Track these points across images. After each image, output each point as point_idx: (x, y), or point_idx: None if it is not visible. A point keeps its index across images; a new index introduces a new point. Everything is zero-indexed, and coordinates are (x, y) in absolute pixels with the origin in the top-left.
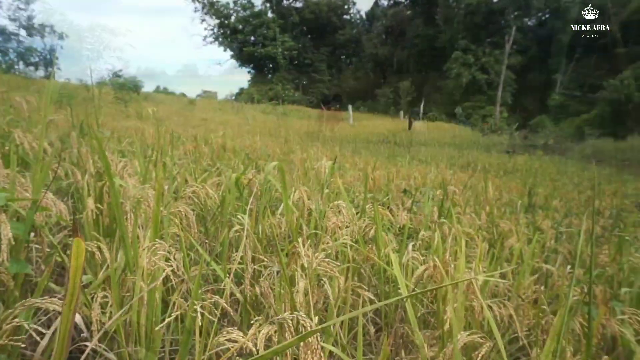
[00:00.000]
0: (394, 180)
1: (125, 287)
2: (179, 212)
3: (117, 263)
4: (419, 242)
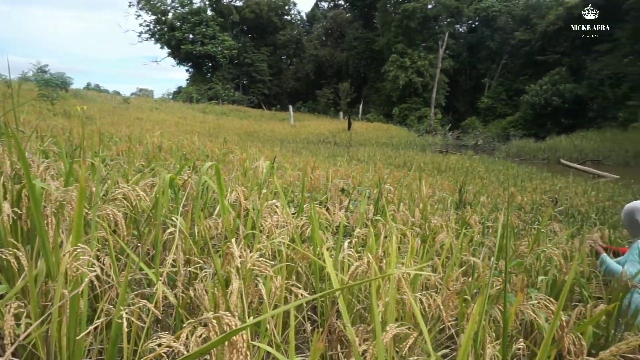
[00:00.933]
0: (333, 179)
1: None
2: (107, 215)
3: (36, 270)
4: (355, 239)
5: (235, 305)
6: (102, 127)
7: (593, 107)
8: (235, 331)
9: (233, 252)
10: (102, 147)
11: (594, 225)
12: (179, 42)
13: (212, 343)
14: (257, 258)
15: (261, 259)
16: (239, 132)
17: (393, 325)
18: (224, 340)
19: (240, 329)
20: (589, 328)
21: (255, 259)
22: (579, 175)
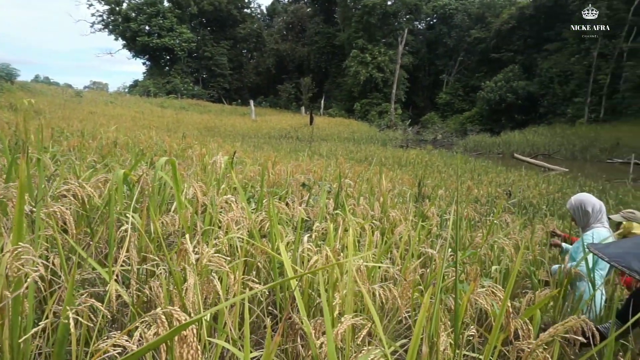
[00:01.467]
0: (294, 174)
1: None
2: (54, 213)
3: None
4: (315, 233)
5: (192, 302)
6: (52, 121)
7: (544, 103)
8: (183, 326)
9: (187, 249)
10: (52, 142)
11: (544, 216)
12: (134, 33)
13: (160, 338)
14: (212, 254)
15: (217, 255)
16: (199, 127)
17: (348, 317)
18: (173, 335)
19: (188, 324)
20: (537, 313)
21: (211, 255)
22: (531, 168)
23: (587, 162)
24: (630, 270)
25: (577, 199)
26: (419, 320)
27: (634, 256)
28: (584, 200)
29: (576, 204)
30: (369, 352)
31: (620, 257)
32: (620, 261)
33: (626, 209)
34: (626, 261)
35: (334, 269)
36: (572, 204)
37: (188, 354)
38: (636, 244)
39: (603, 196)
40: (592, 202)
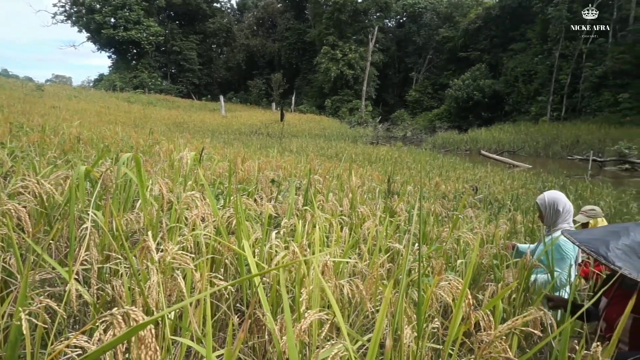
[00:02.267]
0: (264, 170)
1: None
2: (8, 211)
3: None
4: (283, 229)
5: (155, 301)
6: (10, 116)
7: (509, 101)
8: (139, 326)
9: (149, 246)
10: (10, 138)
11: (508, 211)
12: (99, 26)
13: (115, 339)
14: (176, 251)
15: (180, 252)
16: (168, 123)
17: (312, 312)
18: (129, 336)
19: (145, 324)
20: (499, 305)
21: (175, 252)
22: (497, 165)
23: (550, 159)
24: (597, 254)
25: (550, 197)
26: (380, 313)
27: (601, 242)
28: (558, 199)
29: (549, 202)
30: (332, 347)
31: (589, 242)
32: (589, 246)
33: (585, 203)
34: (594, 246)
35: (301, 265)
36: (544, 201)
37: (146, 355)
38: (607, 232)
39: (564, 191)
40: (563, 202)
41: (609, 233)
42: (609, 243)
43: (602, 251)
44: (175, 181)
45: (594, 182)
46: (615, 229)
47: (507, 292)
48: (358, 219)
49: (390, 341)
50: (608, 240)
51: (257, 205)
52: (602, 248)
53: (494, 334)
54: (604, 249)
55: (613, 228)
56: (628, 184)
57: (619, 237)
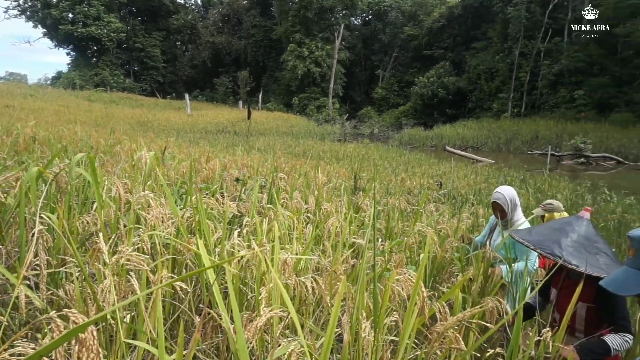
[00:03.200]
0: (229, 169)
1: None
2: None
3: None
4: (246, 228)
5: (109, 303)
6: None
7: (472, 98)
8: (78, 328)
9: (101, 248)
10: None
11: (471, 205)
12: (56, 21)
13: (53, 342)
14: (130, 252)
15: (135, 254)
16: (131, 122)
17: (267, 310)
18: (67, 339)
19: (85, 325)
20: (459, 297)
21: (129, 254)
22: (461, 160)
23: (511, 154)
24: (553, 255)
25: (509, 193)
26: (334, 308)
27: (553, 242)
28: (514, 194)
29: (509, 198)
30: (288, 344)
31: (542, 245)
32: (544, 248)
33: (544, 197)
34: (549, 247)
35: (261, 263)
36: (505, 199)
37: (88, 357)
38: (553, 230)
39: (523, 185)
40: (517, 196)
41: (556, 231)
42: (560, 242)
43: (556, 251)
44: (135, 181)
45: (552, 175)
46: (559, 226)
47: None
48: (323, 216)
49: (347, 335)
50: (559, 238)
51: (219, 204)
52: (556, 248)
53: (445, 325)
54: (557, 249)
55: (557, 225)
56: (583, 177)
57: (567, 234)
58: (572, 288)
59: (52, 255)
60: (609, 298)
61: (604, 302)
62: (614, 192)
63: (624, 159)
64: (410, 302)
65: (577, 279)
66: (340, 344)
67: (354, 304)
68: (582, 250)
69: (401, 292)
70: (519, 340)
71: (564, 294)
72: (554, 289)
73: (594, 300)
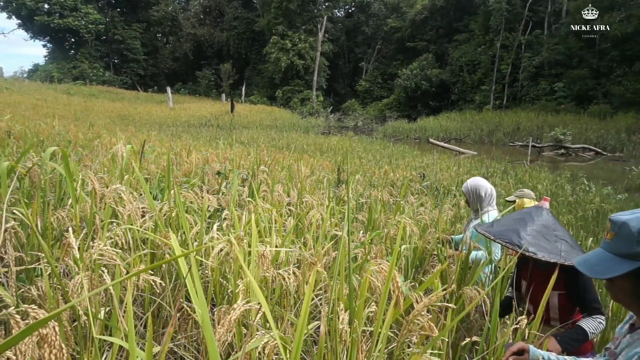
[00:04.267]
0: (211, 162)
1: None
2: None
3: None
4: (226, 221)
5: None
6: None
7: (455, 91)
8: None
9: (70, 243)
10: None
11: (454, 196)
12: (31, 12)
13: (10, 339)
14: (103, 247)
15: (107, 249)
16: (111, 116)
17: (241, 303)
18: (27, 334)
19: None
20: (438, 286)
21: (101, 249)
22: (444, 152)
23: (493, 146)
24: (512, 244)
25: (472, 184)
26: (305, 296)
27: (512, 232)
28: (479, 185)
29: (472, 188)
30: (262, 337)
31: (502, 234)
32: (503, 238)
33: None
34: (508, 237)
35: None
36: (467, 188)
37: (51, 353)
38: (514, 220)
39: (505, 176)
40: (485, 187)
41: (516, 221)
42: (519, 231)
43: (515, 240)
44: (112, 175)
45: (533, 166)
46: (520, 216)
47: (438, 275)
48: (305, 208)
49: (324, 327)
50: (517, 228)
51: (199, 197)
52: (515, 237)
53: (412, 313)
54: (516, 238)
55: (518, 215)
56: (563, 168)
57: (526, 223)
58: (541, 279)
59: (25, 252)
60: (577, 283)
61: (573, 287)
62: (592, 183)
63: (602, 150)
64: (383, 290)
65: (544, 269)
66: None
67: (332, 295)
68: (540, 238)
69: (376, 282)
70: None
71: (534, 284)
72: (524, 281)
73: (564, 287)
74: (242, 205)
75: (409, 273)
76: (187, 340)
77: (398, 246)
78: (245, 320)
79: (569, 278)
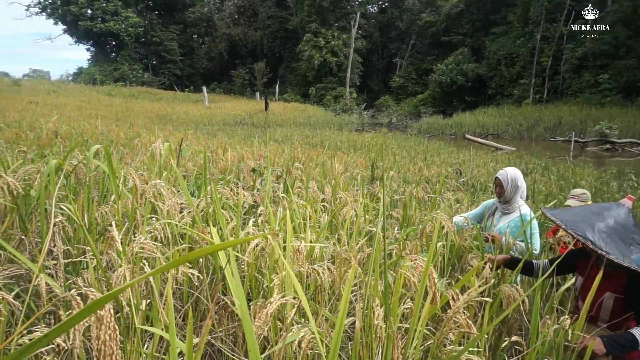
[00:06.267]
0: (246, 160)
1: None
2: None
3: None
4: (261, 217)
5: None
6: None
7: (492, 85)
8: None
9: (114, 237)
10: None
11: (491, 193)
12: (75, 17)
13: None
14: (143, 242)
15: (147, 242)
16: (150, 116)
17: (277, 296)
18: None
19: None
20: (475, 284)
21: (142, 243)
22: (481, 148)
23: (533, 141)
24: (585, 238)
25: (512, 173)
26: (345, 293)
27: (587, 224)
28: (518, 176)
29: (511, 177)
30: (299, 330)
31: (574, 225)
32: (576, 229)
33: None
34: (581, 229)
35: (275, 251)
36: (507, 176)
37: (105, 334)
38: (590, 213)
39: (546, 172)
40: (521, 179)
41: (592, 214)
42: (594, 226)
43: (589, 235)
44: (151, 172)
45: (576, 162)
46: (597, 210)
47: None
48: (339, 205)
49: (359, 322)
50: (594, 222)
51: (235, 194)
52: (589, 232)
53: (453, 308)
54: (590, 232)
55: (595, 209)
56: (609, 164)
57: (603, 218)
58: None
59: (72, 245)
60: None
61: (635, 295)
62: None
63: None
64: (420, 287)
65: (608, 269)
66: None
67: (366, 291)
68: (616, 237)
69: (412, 278)
70: (537, 326)
71: (590, 282)
72: (580, 277)
73: (624, 292)
74: (276, 201)
75: (445, 271)
76: (223, 333)
77: (435, 242)
78: (280, 314)
79: (633, 285)
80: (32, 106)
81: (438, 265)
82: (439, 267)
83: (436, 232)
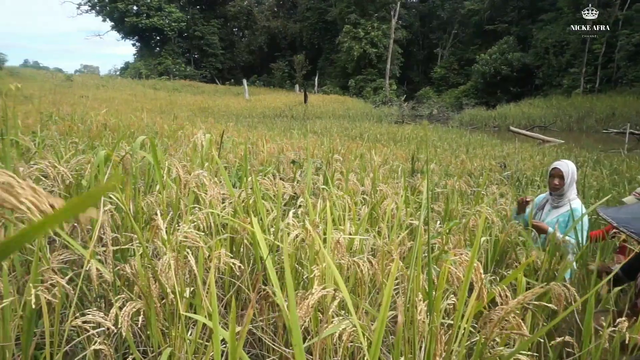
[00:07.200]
0: (286, 152)
1: None
2: None
3: None
4: (301, 209)
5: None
6: (41, 106)
7: (539, 75)
8: None
9: (159, 225)
10: (40, 127)
11: (537, 187)
12: (122, 14)
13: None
14: (186, 231)
15: (190, 231)
16: (193, 108)
17: (318, 288)
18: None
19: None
20: (522, 281)
21: (185, 232)
22: (527, 141)
23: (583, 133)
24: (638, 235)
25: (572, 166)
26: (387, 286)
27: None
28: (575, 169)
29: (572, 170)
30: (340, 323)
31: (628, 223)
32: (628, 227)
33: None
34: (635, 227)
35: (315, 242)
36: (568, 168)
37: None
38: None
39: (597, 166)
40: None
41: None
42: None
43: None
44: (193, 163)
45: (631, 156)
46: None
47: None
48: (379, 197)
49: (401, 317)
50: None
51: (274, 185)
52: None
53: (505, 308)
54: None
55: None
56: None
57: None
58: None
59: (120, 233)
60: None
61: None
62: None
63: None
64: (464, 282)
65: None
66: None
67: (408, 285)
68: None
69: (457, 273)
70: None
71: None
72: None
73: None
74: (316, 193)
75: (489, 266)
76: (264, 323)
77: (479, 236)
78: (320, 306)
79: None
80: (83, 100)
81: (482, 261)
82: (483, 263)
83: (481, 225)
